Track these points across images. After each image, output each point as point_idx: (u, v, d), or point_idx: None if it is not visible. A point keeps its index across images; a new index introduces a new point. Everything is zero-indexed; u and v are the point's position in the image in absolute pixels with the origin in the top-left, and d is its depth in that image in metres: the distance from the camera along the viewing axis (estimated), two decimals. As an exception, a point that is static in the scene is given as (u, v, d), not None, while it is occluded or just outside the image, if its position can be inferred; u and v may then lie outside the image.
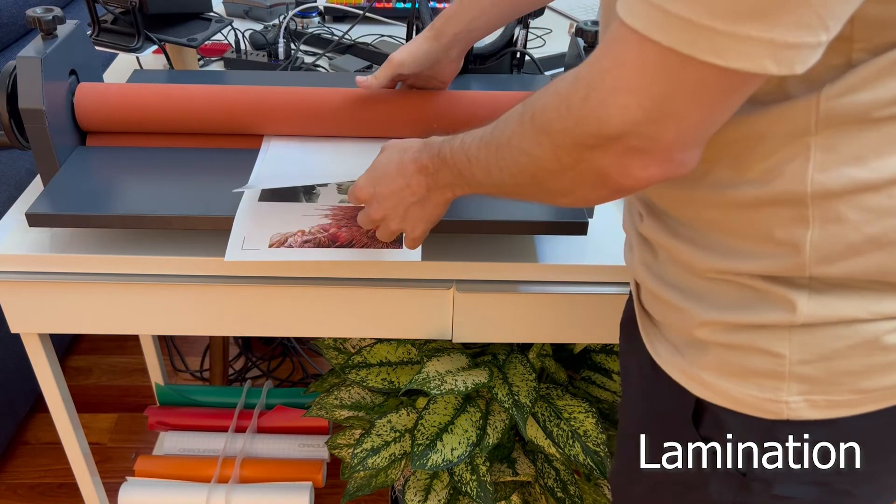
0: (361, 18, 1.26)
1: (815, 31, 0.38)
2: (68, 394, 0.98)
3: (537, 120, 0.50)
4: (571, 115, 0.46)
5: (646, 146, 0.43)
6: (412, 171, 0.64)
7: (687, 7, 0.38)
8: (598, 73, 0.44)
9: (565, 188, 0.51)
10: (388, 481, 1.12)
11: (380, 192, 0.67)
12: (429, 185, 0.64)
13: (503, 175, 0.55)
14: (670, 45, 0.39)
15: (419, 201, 0.66)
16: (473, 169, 0.58)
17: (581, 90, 0.45)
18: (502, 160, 0.54)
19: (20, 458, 1.54)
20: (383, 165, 0.67)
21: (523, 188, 0.55)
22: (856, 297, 0.50)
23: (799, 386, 0.52)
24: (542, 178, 0.51)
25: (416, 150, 0.65)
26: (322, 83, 1.02)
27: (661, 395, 0.61)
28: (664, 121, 0.42)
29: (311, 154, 0.89)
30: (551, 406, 1.05)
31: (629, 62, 0.41)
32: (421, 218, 0.67)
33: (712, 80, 0.40)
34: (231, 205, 0.80)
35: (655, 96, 0.41)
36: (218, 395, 1.45)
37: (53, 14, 0.84)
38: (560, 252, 0.86)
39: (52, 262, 0.83)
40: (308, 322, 0.90)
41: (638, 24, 0.40)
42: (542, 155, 0.50)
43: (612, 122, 0.43)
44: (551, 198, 0.55)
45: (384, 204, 0.67)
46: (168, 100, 0.88)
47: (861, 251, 0.48)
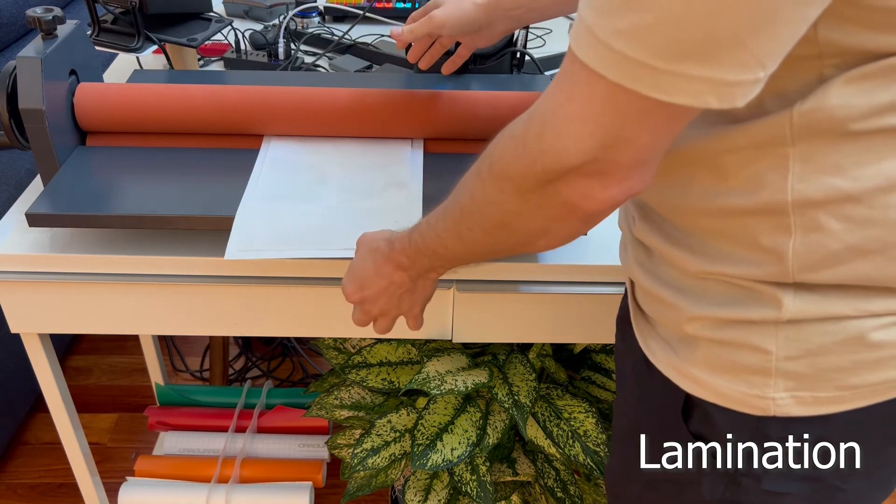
0: (361, 18, 1.26)
1: (752, 69, 0.39)
2: (68, 394, 0.98)
3: (495, 167, 0.51)
4: (529, 153, 0.47)
5: (602, 170, 0.45)
6: (390, 270, 0.66)
7: (630, 46, 0.39)
8: (551, 108, 0.45)
9: (537, 228, 0.52)
10: (388, 481, 1.12)
11: (367, 294, 0.69)
12: (411, 276, 0.66)
13: (475, 235, 0.56)
14: (616, 81, 0.40)
15: (408, 291, 0.68)
16: (446, 242, 0.59)
17: (535, 126, 0.46)
18: (470, 220, 0.56)
19: (20, 458, 1.54)
20: (361, 269, 0.69)
21: (497, 241, 0.55)
22: (842, 296, 0.50)
23: (785, 382, 0.53)
24: (513, 223, 0.52)
25: (386, 249, 0.66)
26: (322, 83, 1.02)
27: (654, 392, 0.61)
28: (617, 146, 0.44)
29: (311, 154, 0.89)
30: (551, 406, 1.05)
31: (579, 96, 0.43)
32: (415, 301, 0.70)
33: (658, 112, 0.42)
34: (231, 205, 0.80)
35: (606, 126, 0.43)
36: (218, 395, 1.45)
37: (53, 14, 0.84)
38: (560, 252, 0.86)
39: (52, 262, 0.83)
40: (308, 322, 0.90)
41: (586, 57, 0.41)
42: (507, 199, 0.51)
43: (569, 154, 0.44)
44: (527, 243, 0.55)
45: (377, 303, 0.69)
46: (168, 100, 0.88)
47: (843, 260, 0.49)
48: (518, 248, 0.57)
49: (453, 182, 0.91)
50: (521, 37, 1.08)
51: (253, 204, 0.81)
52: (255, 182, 0.84)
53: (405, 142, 0.91)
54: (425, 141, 0.91)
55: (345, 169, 0.87)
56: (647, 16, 0.38)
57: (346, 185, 0.85)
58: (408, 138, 0.91)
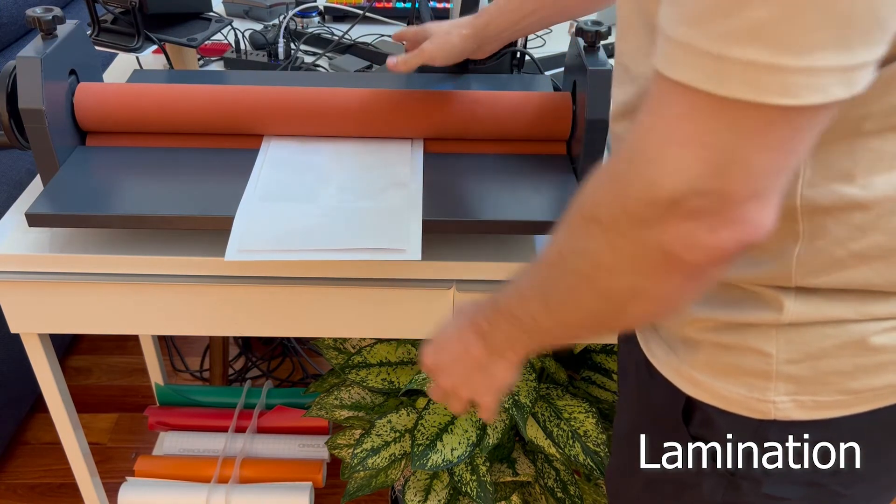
0: (361, 18, 1.26)
1: (879, 45, 0.35)
2: (68, 394, 0.98)
3: (585, 208, 0.44)
4: (617, 186, 0.41)
5: (709, 206, 0.37)
6: (469, 334, 0.58)
7: (748, 48, 0.34)
8: (641, 133, 0.39)
9: (630, 287, 0.43)
10: (388, 481, 1.12)
11: (442, 360, 0.62)
12: (487, 348, 0.57)
13: (559, 296, 0.48)
14: (728, 95, 0.35)
15: (482, 368, 0.59)
16: (529, 305, 0.51)
17: (625, 156, 0.40)
18: (555, 277, 0.48)
19: (20, 458, 1.54)
20: (443, 332, 0.62)
21: (583, 307, 0.47)
22: (843, 300, 0.50)
23: (786, 386, 0.52)
24: (602, 280, 0.44)
25: (471, 310, 0.59)
26: (322, 83, 1.02)
27: (655, 394, 0.61)
28: (728, 173, 0.37)
29: (311, 154, 0.89)
30: (551, 406, 1.05)
31: (677, 115, 0.37)
32: (487, 386, 0.60)
33: (779, 122, 0.36)
34: (231, 205, 0.80)
35: (714, 147, 0.37)
36: (218, 395, 1.45)
37: (53, 14, 0.84)
38: (560, 252, 0.86)
39: (52, 262, 0.83)
40: (308, 322, 0.90)
41: (686, 77, 0.36)
42: (596, 247, 0.43)
43: (665, 182, 0.38)
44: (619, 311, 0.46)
45: (450, 373, 0.61)
46: (168, 100, 0.88)
47: (846, 265, 0.49)
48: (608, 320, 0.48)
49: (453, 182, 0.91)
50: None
51: (253, 204, 0.81)
52: (254, 182, 0.84)
53: (405, 142, 0.91)
54: (425, 141, 0.91)
55: (345, 169, 0.87)
56: (769, 7, 0.33)
57: (346, 185, 0.85)
58: (408, 138, 0.91)
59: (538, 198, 0.84)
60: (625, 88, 0.57)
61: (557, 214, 0.81)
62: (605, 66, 0.82)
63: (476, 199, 0.85)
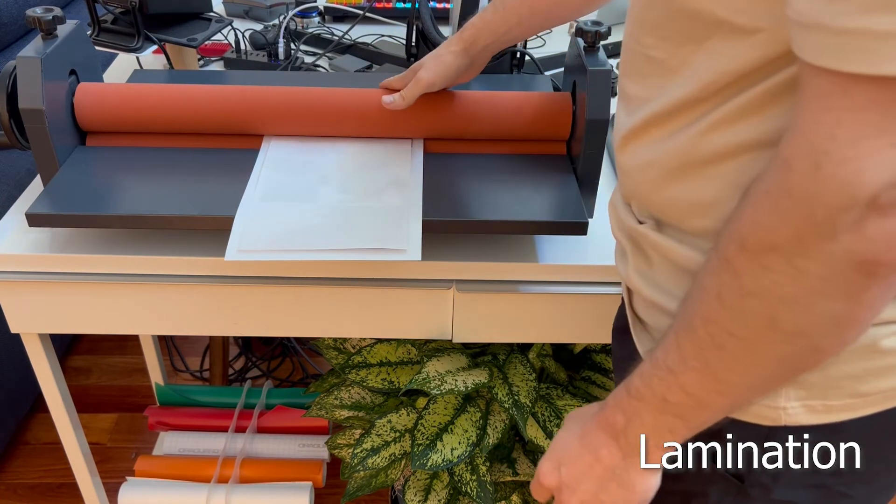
0: (361, 18, 1.26)
1: None
2: (68, 394, 0.98)
3: (750, 241, 0.40)
4: (800, 202, 0.37)
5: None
6: (597, 435, 0.51)
7: None
8: (822, 136, 0.36)
9: (822, 316, 0.39)
10: (388, 481, 1.12)
11: (567, 474, 0.53)
12: (623, 449, 0.50)
13: (732, 357, 0.42)
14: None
15: (616, 477, 0.51)
16: (684, 381, 0.45)
17: (803, 166, 0.37)
18: (722, 333, 0.42)
19: (20, 458, 1.54)
20: (564, 440, 0.55)
21: (767, 359, 0.42)
22: None
23: (797, 392, 0.52)
24: (787, 318, 0.40)
25: (596, 409, 0.52)
26: (322, 83, 1.02)
27: None
28: None
29: (311, 154, 0.89)
30: (551, 406, 1.05)
31: (863, 106, 0.35)
32: (627, 500, 0.52)
33: None
34: (231, 205, 0.80)
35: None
36: (218, 395, 1.45)
37: (53, 14, 0.84)
38: (560, 252, 0.86)
39: (52, 262, 0.83)
40: (308, 322, 0.90)
41: (864, 66, 0.34)
42: (776, 281, 0.39)
43: (864, 178, 0.35)
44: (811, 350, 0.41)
45: (576, 490, 0.53)
46: (168, 100, 0.88)
47: None
48: (794, 365, 0.43)
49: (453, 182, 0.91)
50: (521, 37, 1.08)
51: (253, 204, 0.81)
52: (254, 182, 0.84)
53: (405, 142, 0.91)
54: (425, 141, 0.91)
55: (345, 169, 0.87)
56: None
57: (346, 185, 0.85)
58: (408, 138, 0.91)
59: (538, 198, 0.84)
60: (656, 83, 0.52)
61: (557, 214, 0.82)
62: (605, 66, 0.82)
63: (476, 199, 0.85)
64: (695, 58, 0.48)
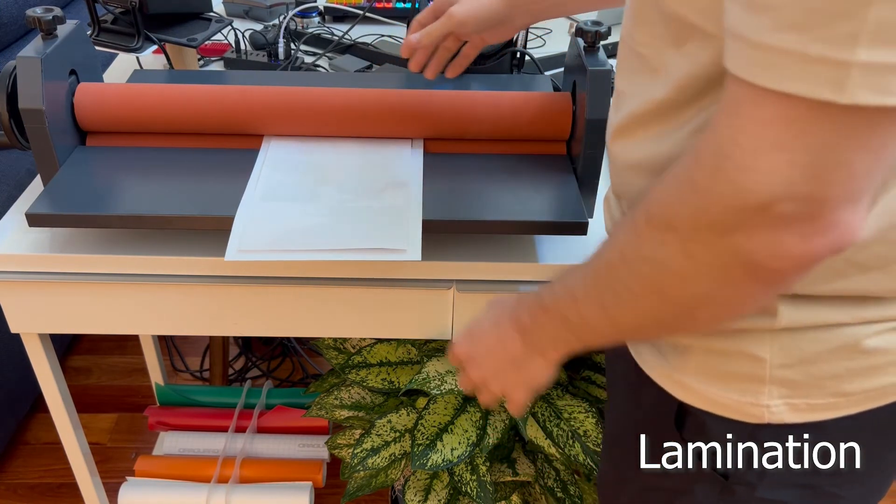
0: (361, 18, 1.26)
1: None
2: (68, 394, 0.98)
3: (655, 216, 0.43)
4: (700, 195, 0.40)
5: (802, 212, 0.37)
6: (507, 328, 0.57)
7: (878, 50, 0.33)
8: (727, 140, 0.38)
9: (702, 294, 0.43)
10: (388, 481, 1.12)
11: (475, 350, 0.61)
12: (525, 344, 0.56)
13: (621, 303, 0.47)
14: (847, 101, 0.33)
15: (516, 363, 0.58)
16: (583, 308, 0.50)
17: (708, 163, 0.39)
18: (618, 282, 0.47)
19: (20, 458, 1.54)
20: (480, 322, 0.61)
21: (647, 312, 0.47)
22: (837, 304, 0.50)
23: (780, 390, 0.52)
24: (671, 288, 0.44)
25: (512, 303, 0.58)
26: (322, 83, 1.02)
27: (646, 399, 0.61)
28: (826, 175, 0.36)
29: (311, 154, 0.89)
30: (551, 406, 1.05)
31: (769, 119, 0.36)
32: (518, 382, 0.59)
33: (886, 121, 0.35)
34: (231, 205, 0.80)
35: (812, 148, 0.35)
36: (218, 395, 1.45)
37: (53, 14, 0.84)
38: (560, 252, 0.86)
39: (52, 262, 0.83)
40: (308, 322, 0.90)
41: (770, 81, 0.35)
42: (669, 255, 0.42)
43: (759, 189, 0.37)
44: (685, 316, 0.46)
45: (482, 365, 0.61)
46: (168, 100, 0.88)
47: (844, 275, 0.48)
48: (671, 324, 0.48)
49: (453, 182, 0.91)
50: (521, 37, 1.08)
51: (253, 204, 0.81)
52: (255, 182, 0.84)
53: (405, 142, 0.91)
54: (425, 141, 0.91)
55: (345, 169, 0.87)
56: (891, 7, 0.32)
57: (346, 185, 0.85)
58: (408, 138, 0.91)
59: (538, 198, 0.84)
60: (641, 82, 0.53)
61: (557, 214, 0.82)
62: (605, 66, 0.82)
63: (476, 199, 0.85)
64: (674, 60, 0.48)
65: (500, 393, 0.62)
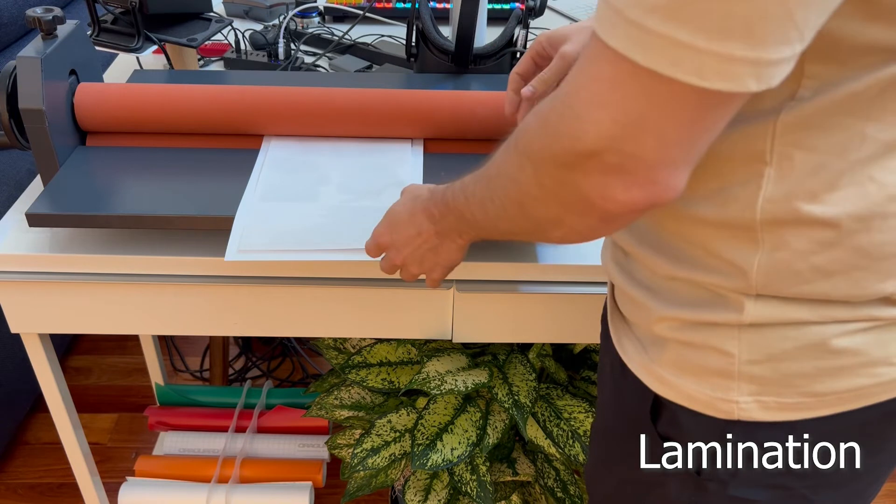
0: (361, 18, 1.26)
1: (794, 44, 0.37)
2: (68, 394, 0.98)
3: (520, 143, 0.49)
4: (548, 133, 0.44)
5: (624, 165, 0.41)
6: (422, 219, 0.65)
7: (668, 25, 0.36)
8: (573, 89, 0.42)
9: (552, 217, 0.49)
10: (388, 481, 1.12)
11: (396, 239, 0.68)
12: (437, 231, 0.64)
13: (495, 208, 0.54)
14: (648, 66, 0.37)
15: (432, 248, 0.66)
16: (472, 207, 0.57)
17: (558, 107, 0.44)
18: (493, 191, 0.53)
19: (20, 458, 1.54)
20: (398, 213, 0.68)
21: (513, 222, 0.53)
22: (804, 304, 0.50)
23: (749, 386, 0.52)
24: (529, 206, 0.50)
25: (425, 198, 0.65)
26: (322, 83, 1.02)
27: (627, 392, 0.61)
28: (640, 137, 0.40)
29: (311, 154, 0.89)
30: (551, 406, 1.05)
31: (603, 78, 0.40)
32: (436, 263, 0.68)
33: (690, 99, 0.38)
34: (231, 205, 0.80)
35: (630, 112, 0.40)
36: (218, 395, 1.45)
37: (53, 14, 0.84)
38: (560, 252, 0.86)
39: (52, 262, 0.83)
40: (308, 322, 0.90)
41: (614, 42, 0.38)
42: (526, 179, 0.48)
43: (587, 138, 0.41)
44: (541, 231, 0.52)
45: (402, 251, 0.68)
46: (168, 100, 0.88)
47: (807, 279, 0.49)
48: (534, 234, 0.56)
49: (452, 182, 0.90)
50: (521, 37, 1.08)
51: (253, 204, 0.81)
52: (255, 182, 0.84)
53: (405, 142, 0.91)
54: (425, 141, 0.91)
55: (345, 169, 0.87)
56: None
57: (346, 185, 0.85)
58: (408, 138, 0.91)
59: (538, 198, 0.84)
60: None
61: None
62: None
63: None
64: None
65: (420, 273, 0.70)
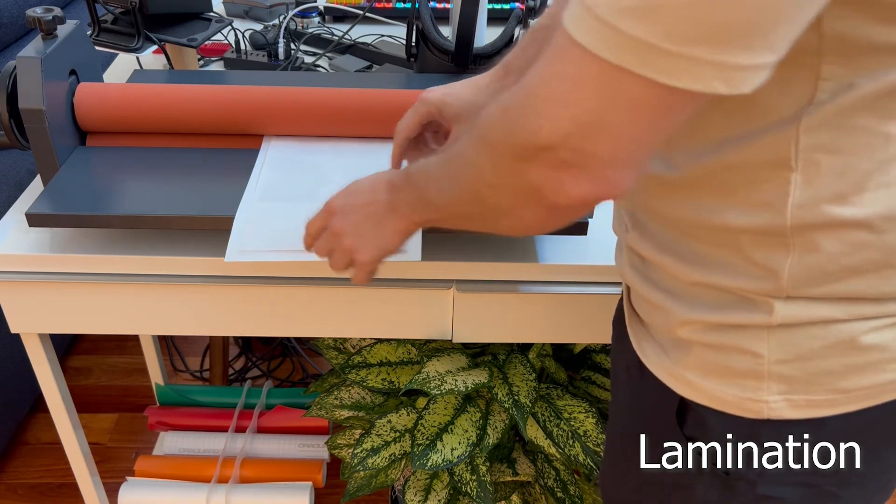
0: (361, 18, 1.26)
1: (763, 53, 0.37)
2: (68, 394, 0.98)
3: (481, 129, 0.49)
4: (508, 125, 0.45)
5: (577, 160, 0.42)
6: (382, 188, 0.64)
7: (638, 27, 0.37)
8: (536, 82, 0.43)
9: (504, 206, 0.49)
10: (388, 481, 1.12)
11: (349, 203, 0.66)
12: (391, 202, 0.63)
13: (450, 190, 0.54)
14: (619, 64, 0.38)
15: (377, 220, 0.64)
16: (430, 186, 0.57)
17: (520, 99, 0.44)
18: (451, 172, 0.54)
19: (20, 458, 1.54)
20: (360, 181, 0.67)
21: (467, 207, 0.53)
22: (833, 302, 0.50)
23: (778, 385, 0.52)
24: (482, 192, 0.50)
25: (393, 173, 0.65)
26: (322, 83, 1.02)
27: (648, 395, 0.61)
28: (596, 135, 0.41)
29: (311, 154, 0.89)
30: (551, 406, 1.05)
31: (566, 75, 0.40)
32: (372, 240, 0.65)
33: (655, 98, 0.39)
34: (231, 205, 0.80)
35: (589, 110, 0.40)
36: (218, 395, 1.45)
37: (53, 14, 0.84)
38: (560, 252, 0.86)
39: (52, 262, 0.83)
40: (308, 322, 0.90)
41: (584, 39, 0.39)
42: (483, 165, 0.49)
43: (542, 133, 0.42)
44: (492, 219, 0.52)
45: (349, 216, 0.66)
46: (168, 100, 0.88)
47: (837, 279, 0.49)
48: (484, 222, 0.54)
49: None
50: (520, 37, 1.08)
51: (253, 204, 0.81)
52: (254, 182, 0.84)
53: (405, 142, 0.91)
54: (425, 141, 0.91)
55: (345, 169, 0.87)
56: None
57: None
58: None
59: (538, 198, 0.84)
60: None
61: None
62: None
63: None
64: None
65: (351, 248, 0.66)
